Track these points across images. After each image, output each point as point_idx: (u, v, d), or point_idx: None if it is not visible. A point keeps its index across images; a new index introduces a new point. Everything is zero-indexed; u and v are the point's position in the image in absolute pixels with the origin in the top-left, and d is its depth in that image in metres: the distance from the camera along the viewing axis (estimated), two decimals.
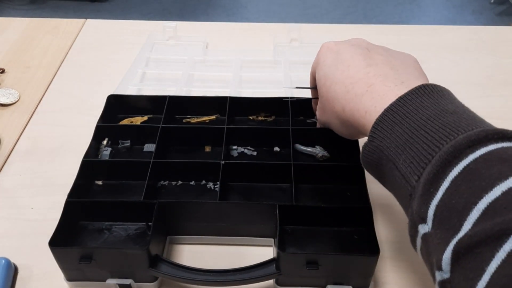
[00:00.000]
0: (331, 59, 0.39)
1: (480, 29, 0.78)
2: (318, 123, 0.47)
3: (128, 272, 0.40)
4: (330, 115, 0.40)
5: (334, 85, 0.38)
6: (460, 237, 0.24)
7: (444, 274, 0.25)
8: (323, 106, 0.41)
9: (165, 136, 0.50)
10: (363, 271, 0.39)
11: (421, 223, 0.28)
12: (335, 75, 0.38)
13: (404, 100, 0.31)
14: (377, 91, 0.34)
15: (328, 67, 0.39)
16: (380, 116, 0.32)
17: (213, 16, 2.34)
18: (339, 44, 0.41)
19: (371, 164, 0.34)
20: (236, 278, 0.39)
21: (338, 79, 0.38)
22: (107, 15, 2.32)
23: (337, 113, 0.38)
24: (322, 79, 0.40)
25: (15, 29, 0.77)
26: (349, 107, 0.36)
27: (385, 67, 0.36)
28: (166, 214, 0.42)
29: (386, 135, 0.31)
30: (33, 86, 0.65)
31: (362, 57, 0.38)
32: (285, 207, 0.42)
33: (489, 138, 0.26)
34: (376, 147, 0.32)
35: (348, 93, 0.36)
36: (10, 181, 0.52)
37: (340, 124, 0.40)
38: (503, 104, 0.63)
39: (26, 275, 0.43)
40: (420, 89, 0.32)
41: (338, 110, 0.38)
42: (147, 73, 0.68)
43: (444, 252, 0.25)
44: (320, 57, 0.41)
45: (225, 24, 0.80)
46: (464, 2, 2.46)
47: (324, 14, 2.32)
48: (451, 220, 0.25)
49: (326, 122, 0.43)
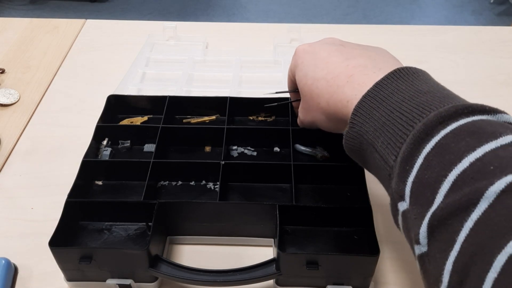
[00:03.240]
0: (309, 59, 0.41)
1: (480, 29, 0.78)
2: (301, 124, 0.47)
3: (128, 272, 0.40)
4: (315, 112, 0.41)
5: (316, 82, 0.39)
6: (433, 210, 0.25)
7: (422, 248, 0.26)
8: (307, 106, 0.42)
9: (165, 136, 0.50)
10: (363, 271, 0.39)
11: (400, 201, 0.29)
12: (315, 73, 0.39)
13: (381, 85, 0.32)
14: (357, 80, 0.35)
15: (308, 67, 0.40)
16: (358, 103, 0.33)
17: (213, 16, 2.34)
18: (313, 45, 0.42)
19: (353, 150, 0.35)
20: (236, 278, 0.39)
21: (319, 76, 0.39)
22: (107, 15, 2.32)
23: (322, 109, 0.39)
24: (303, 79, 0.41)
25: (15, 29, 0.77)
26: (333, 100, 0.37)
27: (362, 58, 0.37)
28: (166, 214, 0.42)
29: (366, 120, 0.32)
30: (33, 86, 0.65)
31: (338, 52, 0.39)
32: (285, 207, 0.42)
33: (459, 113, 0.27)
34: (357, 132, 0.33)
35: (330, 87, 0.37)
36: (10, 181, 0.52)
37: (326, 119, 0.40)
38: (503, 104, 0.63)
39: (26, 275, 0.43)
40: (395, 72, 0.33)
41: (323, 105, 0.38)
42: (147, 73, 0.68)
43: (421, 226, 0.26)
44: (298, 60, 0.42)
45: (225, 24, 0.80)
46: (464, 2, 2.46)
47: (324, 14, 2.32)
48: (425, 195, 0.26)
49: (311, 120, 0.43)
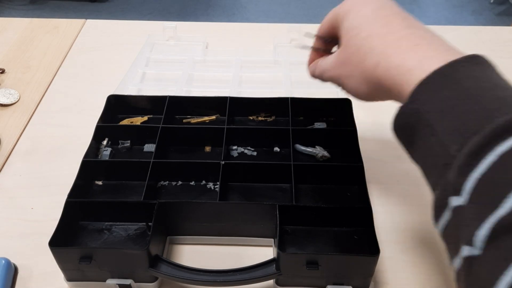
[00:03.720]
0: (367, 11, 0.37)
1: (480, 29, 0.78)
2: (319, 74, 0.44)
3: (128, 272, 0.40)
4: (353, 69, 0.37)
5: (370, 37, 0.35)
6: (501, 214, 0.23)
7: (474, 250, 0.24)
8: (345, 58, 0.38)
9: (165, 136, 0.50)
10: (363, 271, 0.39)
11: (455, 195, 0.26)
12: (372, 28, 0.35)
13: (457, 65, 0.29)
14: (425, 51, 0.32)
15: (364, 18, 0.36)
16: (427, 77, 0.29)
17: (213, 16, 2.33)
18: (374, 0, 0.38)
19: (404, 127, 0.32)
20: (236, 278, 0.39)
21: (376, 32, 0.35)
22: (107, 15, 2.32)
23: (365, 68, 0.35)
24: (354, 30, 0.37)
25: (15, 29, 0.77)
26: (386, 63, 0.33)
27: (428, 32, 0.34)
28: (166, 214, 0.42)
29: (431, 98, 0.29)
30: (33, 86, 0.65)
31: (401, 17, 0.35)
32: (285, 207, 0.42)
33: None
34: (415, 109, 0.30)
35: (388, 47, 0.34)
36: (10, 181, 0.52)
37: (363, 81, 0.36)
38: None
39: (26, 275, 0.43)
40: (473, 58, 0.30)
41: (369, 64, 0.35)
42: (147, 73, 0.68)
43: (479, 228, 0.24)
44: (351, 6, 0.38)
45: (225, 24, 0.80)
46: (464, 2, 2.46)
47: (324, 14, 2.30)
48: (492, 195, 0.24)
49: (339, 75, 0.39)
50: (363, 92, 0.37)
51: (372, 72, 0.35)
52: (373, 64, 0.34)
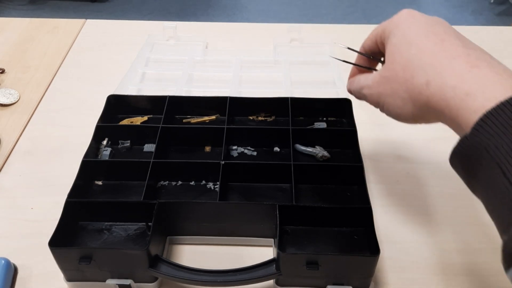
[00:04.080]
0: (419, 27, 0.35)
1: (480, 29, 0.78)
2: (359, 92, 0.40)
3: (128, 272, 0.40)
4: (398, 87, 0.34)
5: (421, 54, 0.33)
6: None
7: None
8: (389, 76, 0.36)
9: (165, 136, 0.50)
10: (363, 271, 0.39)
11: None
12: (424, 44, 0.33)
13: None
14: (486, 75, 0.29)
15: (414, 34, 0.34)
16: (495, 108, 0.27)
17: (213, 16, 2.33)
18: (426, 16, 0.36)
19: (465, 161, 0.29)
20: (236, 278, 0.39)
21: (428, 49, 0.33)
22: (107, 15, 2.32)
23: (413, 86, 0.33)
24: (404, 45, 0.34)
25: (15, 29, 0.77)
26: (440, 82, 0.31)
27: (486, 54, 0.32)
28: (166, 214, 0.42)
29: (499, 133, 0.26)
30: (33, 86, 0.65)
31: (455, 36, 0.33)
32: (285, 207, 0.42)
33: None
34: (480, 143, 0.27)
35: (442, 65, 0.31)
36: (10, 181, 0.52)
37: (408, 100, 0.34)
38: None
39: (26, 275, 0.43)
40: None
41: (418, 82, 0.32)
42: (147, 73, 0.68)
43: None
44: (401, 22, 0.36)
45: (225, 24, 0.80)
46: (464, 2, 2.46)
47: (324, 14, 2.32)
48: None
49: (382, 94, 0.37)
50: (408, 112, 0.35)
51: (420, 91, 0.32)
52: (423, 82, 0.32)
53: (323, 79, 0.67)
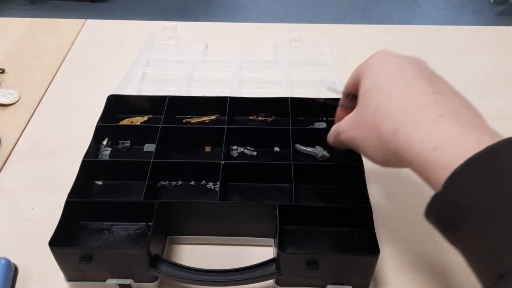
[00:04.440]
0: (391, 71, 0.34)
1: (480, 29, 0.78)
2: (333, 137, 0.40)
3: (128, 272, 0.40)
4: (368, 132, 0.34)
5: (390, 100, 0.32)
6: None
7: None
8: (361, 120, 0.35)
9: (165, 136, 0.50)
10: (363, 271, 0.39)
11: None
12: (393, 90, 0.32)
13: (497, 152, 0.25)
14: (452, 127, 0.28)
15: (385, 79, 0.33)
16: (463, 165, 0.26)
17: (213, 16, 2.34)
18: (401, 58, 0.35)
19: (439, 219, 0.28)
20: (236, 278, 0.39)
21: (397, 96, 0.32)
22: (107, 15, 2.32)
23: (381, 133, 0.32)
24: (374, 90, 0.34)
25: (15, 29, 0.77)
26: (407, 132, 0.30)
27: (455, 100, 0.30)
28: (166, 214, 0.42)
29: (470, 191, 0.25)
30: (33, 86, 0.65)
31: (427, 80, 0.32)
32: (285, 207, 0.42)
33: None
34: (453, 201, 0.26)
35: (409, 114, 0.30)
36: (10, 181, 0.52)
37: (378, 146, 0.33)
38: (503, 104, 0.63)
39: (26, 275, 0.43)
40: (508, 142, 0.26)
41: (387, 130, 0.31)
42: (147, 73, 0.68)
43: None
44: (374, 64, 0.35)
45: (225, 24, 0.80)
46: (464, 2, 2.46)
47: (324, 14, 2.32)
48: None
49: (353, 139, 0.36)
50: (378, 158, 0.34)
51: (388, 139, 0.31)
52: (390, 130, 0.31)
53: (323, 79, 0.67)
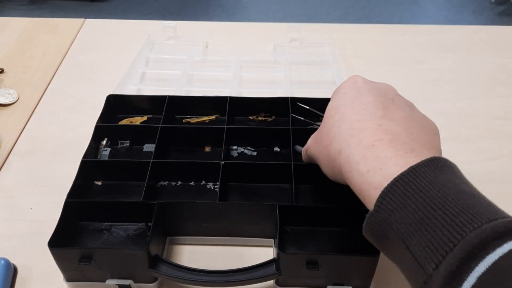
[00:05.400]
0: (351, 95, 0.36)
1: (480, 29, 0.78)
2: (304, 154, 0.44)
3: (128, 272, 0.40)
4: (322, 150, 0.37)
5: (341, 122, 0.34)
6: None
7: None
8: (318, 138, 0.38)
9: (165, 136, 0.50)
10: (363, 272, 0.39)
11: None
12: (346, 113, 0.34)
13: (417, 172, 0.28)
14: (383, 150, 0.31)
15: (345, 101, 0.36)
16: (390, 185, 0.28)
17: (213, 16, 2.33)
18: (366, 83, 0.37)
19: (375, 236, 0.30)
20: (236, 278, 0.39)
21: (347, 118, 0.34)
22: (107, 15, 2.32)
23: (330, 152, 0.35)
24: (333, 110, 0.36)
25: (15, 29, 0.77)
26: (348, 153, 0.32)
27: (399, 126, 0.32)
28: (166, 214, 0.42)
29: (396, 208, 0.28)
30: (32, 86, 0.65)
31: (381, 105, 0.34)
32: (285, 207, 0.42)
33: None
34: (383, 219, 0.29)
35: (352, 137, 0.33)
36: (9, 181, 0.52)
37: (328, 164, 0.36)
38: (503, 104, 0.63)
39: (26, 275, 0.43)
40: (432, 162, 0.29)
41: (333, 149, 0.34)
42: (146, 73, 0.68)
43: None
44: (342, 87, 0.38)
45: (225, 24, 0.80)
46: (464, 2, 2.46)
47: (324, 14, 2.32)
48: None
49: (314, 155, 0.39)
50: (329, 174, 0.37)
51: (335, 158, 0.34)
52: (336, 150, 0.34)
53: (323, 79, 0.67)
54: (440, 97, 0.64)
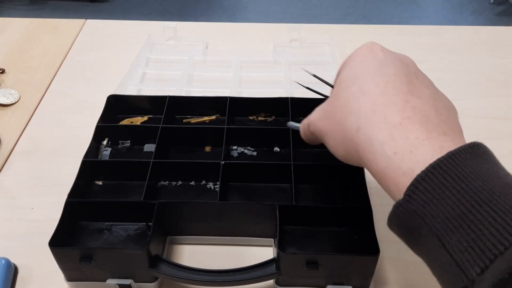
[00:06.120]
0: (371, 64, 0.31)
1: (480, 29, 0.78)
2: (304, 130, 0.39)
3: (128, 272, 0.40)
4: (334, 126, 0.32)
5: (359, 94, 0.30)
6: None
7: None
8: (330, 111, 0.33)
9: (165, 136, 0.50)
10: (363, 271, 0.39)
11: None
12: (367, 84, 0.30)
13: (457, 159, 0.24)
14: (416, 131, 0.27)
15: (363, 72, 0.31)
16: (424, 173, 0.25)
17: (213, 17, 2.34)
18: (386, 52, 0.33)
19: (403, 229, 0.27)
20: (236, 278, 0.39)
21: (368, 91, 0.30)
22: (107, 15, 2.32)
23: (345, 129, 0.30)
24: (349, 81, 0.32)
25: (15, 29, 0.77)
26: (369, 132, 0.28)
27: (427, 104, 0.29)
28: (166, 214, 0.42)
29: (432, 199, 0.24)
30: (33, 86, 0.65)
31: (406, 80, 0.30)
32: (285, 207, 0.42)
33: None
34: (414, 211, 0.25)
35: (374, 112, 0.29)
36: (10, 181, 0.52)
37: (341, 141, 0.32)
38: (503, 104, 0.63)
39: (26, 275, 0.43)
40: (473, 148, 0.25)
41: (350, 126, 0.30)
42: (147, 73, 0.68)
43: None
44: (358, 55, 0.33)
45: (225, 24, 0.80)
46: (464, 3, 2.46)
47: (324, 14, 2.32)
48: None
49: (320, 131, 0.34)
50: (340, 154, 0.33)
51: (351, 137, 0.30)
52: (354, 127, 0.30)
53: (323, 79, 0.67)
54: None
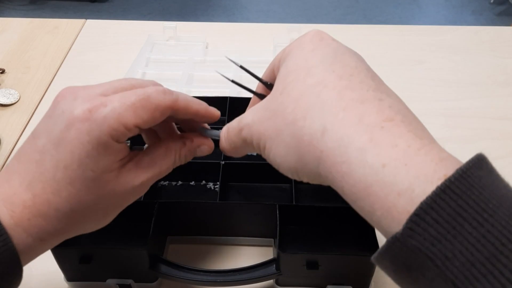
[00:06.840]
0: (326, 53, 0.26)
1: (480, 29, 0.78)
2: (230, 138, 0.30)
3: (128, 272, 0.40)
4: (284, 128, 0.25)
5: (320, 87, 0.24)
6: None
7: None
8: (275, 110, 0.26)
9: None
10: (363, 272, 0.39)
11: None
12: (327, 75, 0.24)
13: (471, 178, 0.19)
14: (403, 136, 0.21)
15: (319, 61, 0.25)
16: (431, 198, 0.18)
17: (213, 17, 2.34)
18: (338, 42, 0.28)
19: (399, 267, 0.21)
20: (236, 278, 0.39)
21: (332, 83, 0.24)
22: (107, 15, 2.32)
23: (301, 131, 0.24)
24: (300, 72, 0.25)
25: (15, 29, 0.77)
26: (340, 135, 0.22)
27: (401, 103, 0.24)
28: (166, 214, 0.42)
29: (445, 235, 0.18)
30: (33, 86, 0.65)
31: (370, 74, 0.25)
32: (285, 207, 0.42)
33: None
34: (419, 249, 0.19)
35: (344, 110, 0.22)
36: None
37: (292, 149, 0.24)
38: (503, 104, 0.63)
39: (26, 275, 0.43)
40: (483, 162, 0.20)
41: (311, 128, 0.23)
42: (147, 73, 0.68)
43: None
44: (305, 43, 0.27)
45: (225, 24, 0.80)
46: (464, 2, 2.46)
47: (324, 14, 2.32)
48: None
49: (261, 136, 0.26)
50: (289, 165, 0.25)
51: (312, 140, 0.23)
52: (317, 128, 0.23)
53: None
54: (440, 97, 0.64)
